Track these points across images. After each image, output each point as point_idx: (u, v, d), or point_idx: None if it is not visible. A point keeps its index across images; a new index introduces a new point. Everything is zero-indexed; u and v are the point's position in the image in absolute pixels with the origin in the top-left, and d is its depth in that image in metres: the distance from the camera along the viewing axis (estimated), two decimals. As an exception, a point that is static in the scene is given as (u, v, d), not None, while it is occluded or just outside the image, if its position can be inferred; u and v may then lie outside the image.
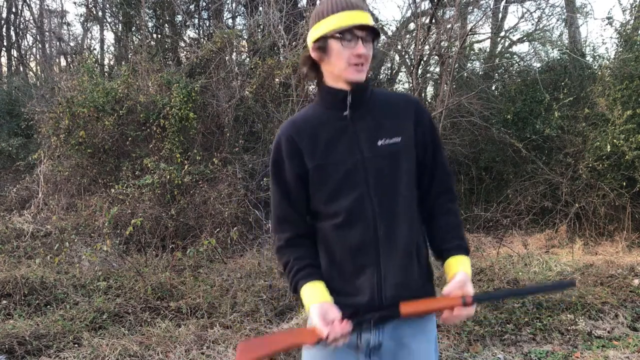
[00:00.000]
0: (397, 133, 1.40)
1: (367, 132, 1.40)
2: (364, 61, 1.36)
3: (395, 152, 1.39)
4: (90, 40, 14.49)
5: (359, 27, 1.34)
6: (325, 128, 1.41)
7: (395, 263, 1.39)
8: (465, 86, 9.37)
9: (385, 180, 1.38)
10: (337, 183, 1.39)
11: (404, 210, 1.40)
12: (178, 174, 5.85)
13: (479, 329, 3.63)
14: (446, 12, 10.00)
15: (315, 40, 1.38)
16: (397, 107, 1.44)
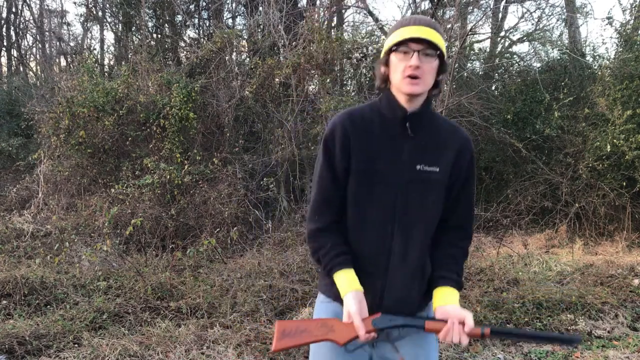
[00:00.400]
0: (437, 162, 1.46)
1: (412, 152, 1.45)
2: (420, 74, 1.38)
3: (429, 181, 1.45)
4: (90, 40, 14.51)
5: (414, 40, 1.38)
6: (378, 134, 1.46)
7: (401, 280, 1.47)
8: (465, 86, 9.37)
9: (412, 202, 1.45)
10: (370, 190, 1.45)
11: (420, 235, 1.47)
12: (178, 174, 5.85)
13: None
14: (446, 12, 10.00)
15: (382, 55, 1.47)
16: (445, 138, 1.49)
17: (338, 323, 1.43)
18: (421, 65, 1.38)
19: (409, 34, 1.38)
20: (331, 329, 1.43)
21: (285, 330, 1.43)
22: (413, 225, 1.46)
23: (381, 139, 1.46)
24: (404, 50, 1.40)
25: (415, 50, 1.38)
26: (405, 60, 1.39)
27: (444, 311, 1.42)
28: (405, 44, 1.39)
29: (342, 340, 1.41)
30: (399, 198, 1.44)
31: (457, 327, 1.37)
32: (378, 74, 1.50)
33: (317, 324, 1.44)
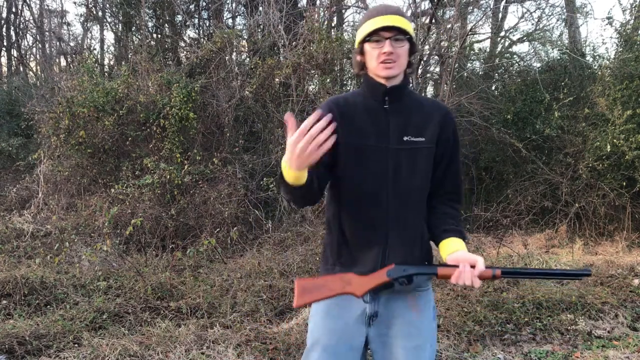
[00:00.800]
0: (422, 134, 1.57)
1: (397, 125, 1.57)
2: (394, 58, 1.51)
3: (416, 150, 1.56)
4: (90, 40, 14.50)
5: (384, 29, 1.50)
6: (362, 112, 1.57)
7: (401, 243, 1.55)
8: (465, 86, 9.37)
9: (403, 172, 1.55)
10: (363, 163, 1.55)
11: (414, 200, 1.58)
12: (178, 174, 5.85)
13: (479, 328, 3.63)
14: (446, 12, 10.00)
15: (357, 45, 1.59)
16: (428, 111, 1.60)
17: (354, 277, 1.49)
18: (394, 50, 1.51)
19: (380, 24, 1.50)
20: (348, 283, 1.48)
21: (305, 287, 1.48)
22: (406, 191, 1.55)
23: (366, 117, 1.57)
24: (376, 39, 1.52)
25: (387, 38, 1.51)
26: (378, 48, 1.52)
27: (454, 257, 1.48)
28: (376, 33, 1.51)
29: (360, 291, 1.47)
30: (390, 167, 1.54)
31: (468, 270, 1.42)
32: (355, 62, 1.62)
33: (334, 279, 1.50)
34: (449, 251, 1.52)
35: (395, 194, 1.55)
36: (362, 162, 1.55)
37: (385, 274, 1.48)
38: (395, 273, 1.48)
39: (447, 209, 1.63)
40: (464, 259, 1.45)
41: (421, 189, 1.59)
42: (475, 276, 1.42)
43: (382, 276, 1.48)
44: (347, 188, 1.57)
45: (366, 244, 1.56)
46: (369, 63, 1.57)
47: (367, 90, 1.61)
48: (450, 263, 1.47)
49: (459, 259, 1.46)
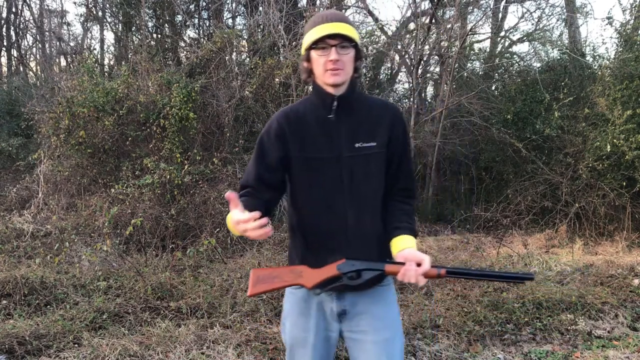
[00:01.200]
0: (373, 138, 1.60)
1: (347, 133, 1.59)
2: (340, 66, 1.53)
3: (369, 155, 1.59)
4: (90, 40, 14.51)
5: (329, 37, 1.51)
6: (313, 124, 1.60)
7: (359, 247, 1.59)
8: (465, 86, 9.38)
9: (357, 178, 1.59)
10: (316, 174, 1.59)
11: (370, 205, 1.62)
12: (178, 174, 5.85)
13: (479, 328, 3.63)
14: (446, 12, 10.01)
15: (303, 52, 1.60)
16: (377, 114, 1.63)
17: (306, 269, 1.57)
18: (339, 58, 1.52)
19: (324, 32, 1.51)
20: (300, 275, 1.56)
21: (259, 277, 1.56)
22: (362, 196, 1.60)
23: (317, 128, 1.59)
24: (322, 46, 1.53)
25: (333, 46, 1.52)
26: (324, 55, 1.53)
27: (403, 255, 1.51)
28: (322, 40, 1.52)
29: (310, 283, 1.54)
30: (344, 175, 1.58)
31: (413, 268, 1.46)
32: (302, 68, 1.63)
33: (287, 271, 1.57)
34: (399, 248, 1.55)
35: (351, 201, 1.59)
36: (316, 173, 1.59)
37: (335, 267, 1.54)
38: (344, 267, 1.54)
39: (400, 205, 1.67)
40: (411, 257, 1.49)
41: (376, 193, 1.63)
42: (420, 274, 1.45)
43: (332, 269, 1.54)
44: (304, 200, 1.62)
45: (328, 250, 1.59)
46: (315, 70, 1.58)
47: (316, 100, 1.62)
48: (399, 260, 1.52)
49: (407, 257, 1.50)
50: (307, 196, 1.61)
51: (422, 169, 9.01)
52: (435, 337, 3.53)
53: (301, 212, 1.64)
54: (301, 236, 1.66)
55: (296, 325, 1.69)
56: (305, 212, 1.63)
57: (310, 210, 1.62)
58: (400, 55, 10.29)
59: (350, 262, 1.54)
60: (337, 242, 1.60)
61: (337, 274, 1.54)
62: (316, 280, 1.55)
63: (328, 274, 1.55)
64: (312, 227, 1.62)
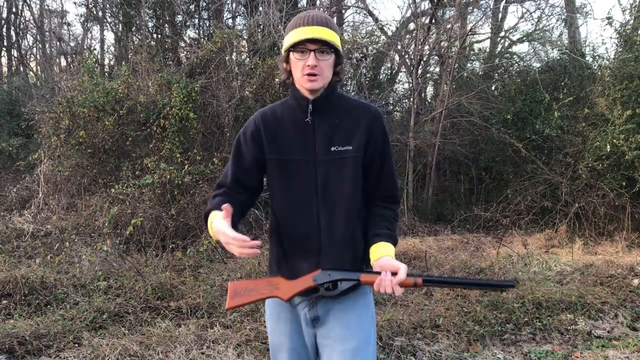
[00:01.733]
0: (349, 142, 1.57)
1: (323, 136, 1.57)
2: (318, 72, 1.51)
3: (344, 159, 1.57)
4: (90, 40, 14.51)
5: (309, 41, 1.49)
6: (289, 127, 1.59)
7: (332, 251, 1.58)
8: (465, 86, 9.38)
9: (331, 181, 1.56)
10: (291, 177, 1.58)
11: (343, 208, 1.58)
12: (178, 174, 5.85)
13: (479, 328, 3.64)
14: (446, 12, 10.01)
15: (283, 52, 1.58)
16: (355, 117, 1.59)
17: (282, 281, 1.57)
18: (318, 63, 1.50)
19: (304, 35, 1.49)
20: (276, 287, 1.56)
21: (236, 290, 1.57)
22: (335, 201, 1.57)
23: (292, 129, 1.58)
24: (301, 49, 1.50)
25: (312, 50, 1.50)
26: (303, 59, 1.51)
27: (379, 264, 1.49)
28: (301, 44, 1.50)
29: (286, 296, 1.55)
30: (319, 179, 1.56)
31: (389, 278, 1.44)
32: (281, 68, 1.60)
33: (264, 283, 1.58)
34: (375, 257, 1.52)
35: (324, 205, 1.57)
36: (290, 176, 1.58)
37: (311, 278, 1.53)
38: (320, 278, 1.53)
39: (381, 210, 1.63)
40: (387, 265, 1.46)
41: (351, 197, 1.59)
42: (395, 284, 1.43)
43: (307, 281, 1.54)
44: (279, 202, 1.61)
45: (301, 255, 1.59)
46: (294, 72, 1.56)
47: (293, 102, 1.61)
48: (375, 269, 1.49)
49: (382, 266, 1.47)
50: (282, 199, 1.60)
51: (422, 169, 9.01)
52: (435, 337, 3.53)
53: (276, 215, 1.63)
54: (277, 240, 1.64)
55: (274, 330, 1.70)
56: (280, 215, 1.62)
57: (284, 213, 1.61)
58: (400, 55, 10.30)
59: (326, 272, 1.52)
60: (310, 248, 1.58)
61: (313, 286, 1.53)
62: (292, 293, 1.55)
63: (303, 285, 1.54)
64: (287, 231, 1.61)
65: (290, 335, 1.65)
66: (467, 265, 5.25)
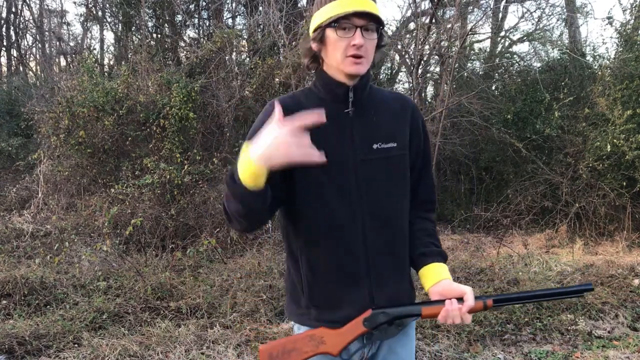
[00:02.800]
0: (393, 138, 1.33)
1: (363, 132, 1.31)
2: (364, 53, 1.25)
3: (389, 158, 1.32)
4: (90, 40, 14.51)
5: (356, 15, 1.22)
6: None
7: (387, 273, 1.33)
8: (465, 86, 9.37)
9: (377, 186, 1.31)
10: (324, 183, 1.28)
11: (395, 217, 1.34)
12: (178, 174, 5.84)
13: (479, 329, 3.63)
14: (446, 12, 10.00)
15: (314, 30, 1.28)
16: (395, 110, 1.37)
17: (326, 332, 1.29)
18: (365, 43, 1.24)
19: (351, 7, 1.21)
20: (321, 341, 1.29)
21: (272, 354, 1.29)
22: (384, 208, 1.31)
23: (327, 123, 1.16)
24: (345, 25, 1.23)
25: (358, 27, 1.23)
26: (347, 38, 1.23)
27: (439, 291, 1.29)
28: (346, 18, 1.22)
29: (336, 350, 1.28)
30: (362, 183, 1.29)
31: (456, 307, 1.25)
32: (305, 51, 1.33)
33: (303, 339, 1.30)
34: (432, 282, 1.31)
35: (371, 214, 1.29)
36: (325, 181, 1.27)
37: (361, 323, 1.28)
38: (373, 321, 1.28)
39: (422, 223, 1.41)
40: (450, 292, 1.27)
41: (402, 203, 1.36)
42: (465, 313, 1.26)
43: (358, 327, 1.28)
44: (309, 216, 1.29)
45: (346, 280, 1.30)
46: (331, 55, 1.27)
47: (323, 91, 1.32)
48: (434, 297, 1.30)
49: (445, 293, 1.28)
50: (313, 212, 1.28)
51: (422, 169, 9.00)
52: (436, 337, 3.52)
53: (304, 232, 1.31)
54: (306, 265, 1.32)
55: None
56: (310, 232, 1.30)
57: (317, 230, 1.29)
58: (400, 55, 10.29)
59: (379, 312, 1.27)
60: (355, 272, 1.30)
61: (366, 331, 1.28)
62: (342, 345, 1.28)
63: (354, 333, 1.28)
64: (321, 252, 1.30)
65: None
66: (467, 266, 5.25)
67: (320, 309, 1.32)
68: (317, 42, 1.29)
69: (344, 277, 1.30)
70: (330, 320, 1.31)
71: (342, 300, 1.31)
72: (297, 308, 1.37)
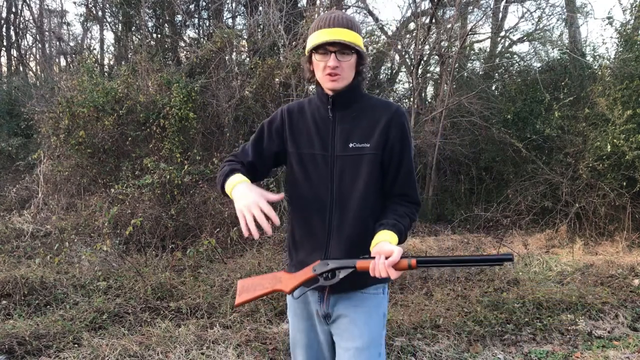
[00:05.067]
0: (367, 139, 1.59)
1: (342, 132, 1.61)
2: (339, 72, 1.55)
3: (361, 156, 1.59)
4: (90, 40, 14.50)
5: (329, 44, 1.52)
6: (312, 122, 1.65)
7: (340, 249, 1.59)
8: (465, 86, 9.37)
9: (346, 178, 1.59)
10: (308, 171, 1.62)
11: (356, 206, 1.59)
12: (178, 174, 5.84)
13: (479, 329, 3.63)
14: (446, 12, 10.00)
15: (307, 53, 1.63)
16: (375, 115, 1.62)
17: (284, 274, 1.61)
18: (339, 64, 1.54)
19: (325, 38, 1.52)
20: (279, 280, 1.60)
21: (243, 286, 1.63)
22: (348, 198, 1.59)
23: (314, 124, 1.64)
24: (322, 51, 1.55)
25: (332, 52, 1.53)
26: (324, 61, 1.55)
27: (375, 250, 1.48)
28: (322, 46, 1.53)
29: (287, 288, 1.57)
30: (335, 174, 1.60)
31: (382, 261, 1.41)
32: (305, 68, 1.66)
33: (267, 278, 1.62)
34: (374, 244, 1.51)
35: (338, 200, 1.59)
36: (307, 169, 1.62)
37: (311, 269, 1.55)
38: (319, 268, 1.54)
39: (395, 206, 1.63)
40: (381, 250, 1.45)
41: (364, 195, 1.59)
42: (389, 266, 1.41)
43: (308, 272, 1.56)
44: (295, 194, 1.66)
45: (310, 249, 1.63)
46: (316, 73, 1.61)
47: (317, 99, 1.67)
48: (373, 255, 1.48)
49: (379, 251, 1.45)
50: (298, 191, 1.65)
51: (422, 169, 9.00)
52: (436, 338, 3.52)
53: (293, 206, 1.69)
54: (291, 231, 1.70)
55: (292, 325, 1.76)
56: (295, 207, 1.67)
57: (299, 205, 1.66)
58: (400, 55, 10.29)
59: (325, 262, 1.54)
60: (319, 241, 1.61)
61: (313, 276, 1.54)
62: (293, 284, 1.57)
63: (304, 276, 1.56)
64: (299, 223, 1.66)
65: (306, 331, 1.71)
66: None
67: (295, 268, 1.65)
68: (309, 62, 1.63)
69: (309, 246, 1.64)
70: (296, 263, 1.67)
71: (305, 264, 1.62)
72: (289, 262, 1.74)
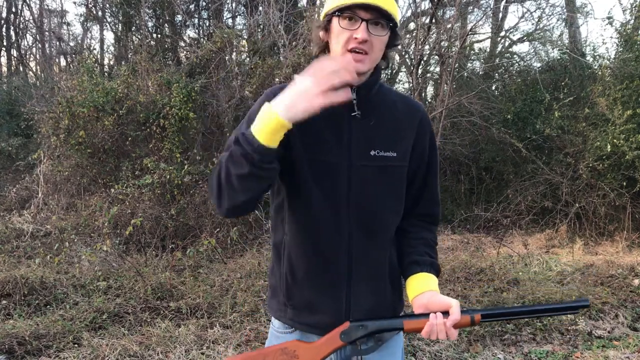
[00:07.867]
0: (394, 146, 1.24)
1: (363, 136, 1.22)
2: (367, 49, 1.14)
3: (385, 167, 1.24)
4: (90, 40, 14.51)
5: (363, 7, 1.12)
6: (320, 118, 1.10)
7: (367, 285, 1.26)
8: (465, 86, 9.37)
9: (369, 194, 1.23)
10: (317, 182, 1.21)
11: (382, 228, 1.27)
12: (178, 174, 5.84)
13: (479, 329, 3.63)
14: (446, 12, 9.99)
15: (322, 17, 1.20)
16: (401, 115, 1.27)
17: (300, 345, 1.21)
18: (369, 38, 1.13)
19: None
20: (294, 355, 1.20)
21: None
22: (372, 218, 1.23)
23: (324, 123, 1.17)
24: (349, 15, 1.13)
25: (364, 20, 1.12)
26: (349, 30, 1.13)
27: (423, 303, 1.19)
28: (351, 9, 1.12)
29: None
30: (353, 189, 1.21)
31: (440, 321, 1.14)
32: (315, 38, 1.23)
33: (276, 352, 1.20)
34: (417, 292, 1.22)
35: (358, 221, 1.22)
36: (317, 180, 1.20)
37: (338, 337, 1.18)
38: (351, 335, 1.17)
39: (420, 232, 1.32)
40: (435, 304, 1.17)
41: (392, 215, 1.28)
42: (450, 328, 1.14)
43: (335, 341, 1.18)
44: (298, 211, 1.23)
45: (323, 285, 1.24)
46: (333, 45, 1.18)
47: None
48: (418, 309, 1.20)
49: (429, 306, 1.18)
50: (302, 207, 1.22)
51: (422, 169, 9.00)
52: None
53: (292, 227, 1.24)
54: (287, 263, 1.26)
55: None
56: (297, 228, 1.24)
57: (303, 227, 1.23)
58: (400, 55, 10.29)
59: (357, 324, 1.17)
60: (336, 274, 1.23)
61: (343, 345, 1.18)
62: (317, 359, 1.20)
63: (330, 348, 1.19)
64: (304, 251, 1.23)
65: None
66: (467, 266, 5.25)
67: (296, 310, 1.28)
68: (323, 29, 1.21)
69: (321, 281, 1.24)
70: (304, 323, 1.27)
71: (316, 306, 1.25)
72: (276, 304, 1.32)
